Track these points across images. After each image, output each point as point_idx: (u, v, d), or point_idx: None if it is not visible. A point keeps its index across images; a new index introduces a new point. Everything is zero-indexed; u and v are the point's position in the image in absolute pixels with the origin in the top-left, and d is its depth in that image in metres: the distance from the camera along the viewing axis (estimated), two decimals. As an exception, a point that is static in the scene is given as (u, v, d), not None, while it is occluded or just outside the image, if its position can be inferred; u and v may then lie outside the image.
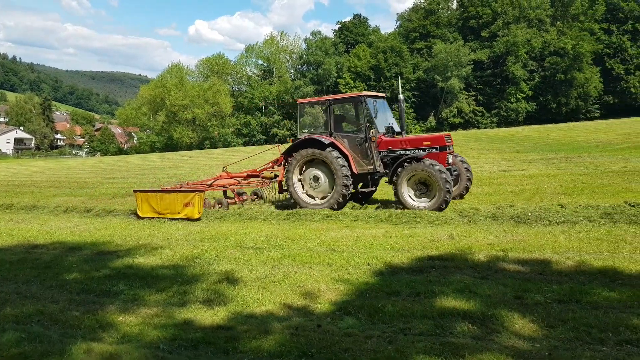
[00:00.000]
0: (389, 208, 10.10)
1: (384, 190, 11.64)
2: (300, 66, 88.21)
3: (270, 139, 77.97)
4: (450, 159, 10.11)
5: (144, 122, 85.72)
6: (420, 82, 77.72)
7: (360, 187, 11.21)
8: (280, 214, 10.18)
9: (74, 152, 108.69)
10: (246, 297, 5.24)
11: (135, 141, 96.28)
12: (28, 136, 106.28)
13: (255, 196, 12.86)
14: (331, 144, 10.41)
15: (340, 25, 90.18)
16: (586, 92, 72.20)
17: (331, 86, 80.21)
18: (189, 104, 78.56)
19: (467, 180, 10.74)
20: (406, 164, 9.64)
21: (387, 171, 10.35)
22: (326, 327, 4.29)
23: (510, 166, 17.01)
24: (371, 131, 10.34)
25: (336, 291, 5.25)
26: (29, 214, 13.04)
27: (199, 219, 10.26)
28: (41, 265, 7.11)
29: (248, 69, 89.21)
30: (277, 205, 11.81)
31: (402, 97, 10.70)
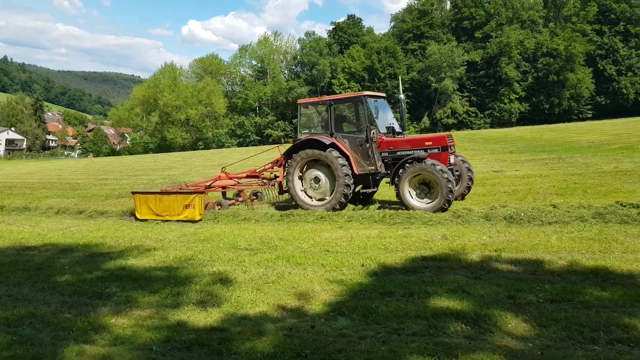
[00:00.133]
0: (383, 209, 10.11)
1: (379, 191, 11.63)
2: (294, 67, 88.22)
3: (265, 139, 77.93)
4: (452, 159, 10.04)
5: (136, 123, 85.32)
6: (414, 83, 77.97)
7: (361, 188, 11.10)
8: (274, 215, 10.15)
9: (66, 153, 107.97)
10: (240, 298, 5.23)
11: (128, 142, 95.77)
12: (19, 137, 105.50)
13: (255, 197, 12.77)
14: (332, 144, 10.31)
15: (334, 26, 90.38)
16: (578, 93, 72.78)
17: (325, 87, 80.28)
18: (182, 104, 78.29)
19: (468, 180, 10.70)
20: (407, 164, 9.60)
21: (388, 172, 10.28)
22: (320, 328, 4.29)
23: (503, 167, 17.08)
24: (372, 131, 10.24)
25: (330, 292, 5.25)
26: (20, 215, 12.93)
27: (200, 220, 10.17)
28: (33, 268, 7.06)
29: (242, 69, 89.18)
30: (271, 206, 11.78)
31: (402, 97, 10.54)
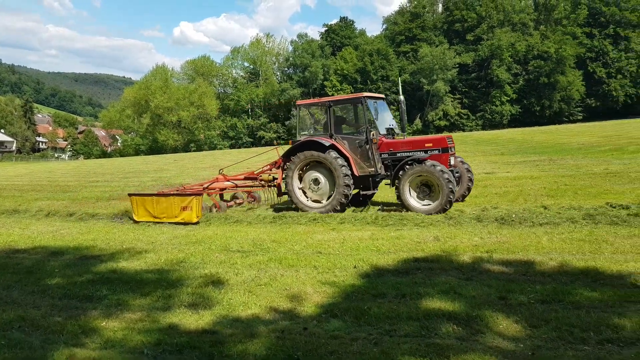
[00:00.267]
0: (375, 210, 10.13)
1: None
2: (286, 68, 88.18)
3: (257, 141, 77.80)
4: (452, 160, 10.00)
5: (128, 125, 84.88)
6: (407, 85, 78.23)
7: (360, 189, 10.98)
8: (266, 217, 10.13)
9: (56, 155, 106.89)
10: (232, 300, 5.21)
11: (119, 144, 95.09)
12: (9, 139, 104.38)
13: (252, 199, 12.68)
14: (332, 146, 10.25)
15: (326, 28, 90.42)
16: (569, 95, 73.50)
17: (318, 89, 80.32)
18: (174, 106, 77.95)
19: (468, 180, 10.68)
20: (408, 166, 9.58)
21: (388, 173, 10.25)
22: (312, 330, 4.29)
23: (494, 168, 17.17)
24: (372, 133, 10.19)
25: (322, 294, 5.24)
26: (9, 218, 12.79)
27: (198, 222, 10.10)
28: (22, 271, 6.99)
29: (234, 71, 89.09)
30: (267, 208, 11.75)
31: (402, 99, 10.48)
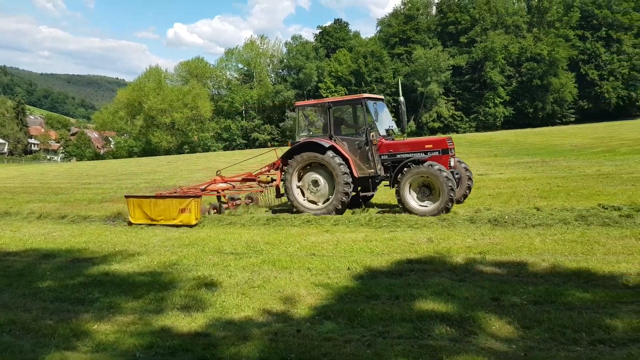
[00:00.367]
0: (369, 212, 10.13)
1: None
2: (280, 70, 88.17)
3: (251, 143, 77.67)
4: (452, 162, 9.98)
5: (121, 127, 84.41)
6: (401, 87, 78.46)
7: (360, 190, 10.92)
8: (260, 218, 10.09)
9: (48, 157, 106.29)
10: (225, 303, 5.18)
11: (112, 146, 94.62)
12: (1, 141, 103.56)
13: (250, 200, 12.58)
14: (331, 147, 10.20)
15: (321, 30, 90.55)
16: (562, 97, 73.92)
17: (312, 91, 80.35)
18: (167, 108, 77.57)
19: (467, 180, 10.68)
20: (406, 167, 9.56)
21: (388, 175, 10.23)
22: (306, 332, 4.28)
23: (488, 170, 17.25)
24: (372, 134, 10.16)
25: (316, 296, 5.24)
26: (0, 220, 12.68)
27: (196, 225, 10.01)
28: (13, 274, 6.93)
29: (228, 72, 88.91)
30: (263, 210, 11.72)
31: (402, 100, 10.45)
